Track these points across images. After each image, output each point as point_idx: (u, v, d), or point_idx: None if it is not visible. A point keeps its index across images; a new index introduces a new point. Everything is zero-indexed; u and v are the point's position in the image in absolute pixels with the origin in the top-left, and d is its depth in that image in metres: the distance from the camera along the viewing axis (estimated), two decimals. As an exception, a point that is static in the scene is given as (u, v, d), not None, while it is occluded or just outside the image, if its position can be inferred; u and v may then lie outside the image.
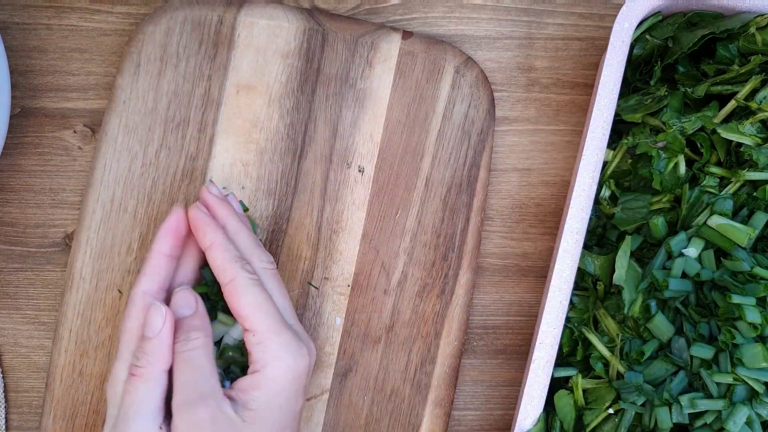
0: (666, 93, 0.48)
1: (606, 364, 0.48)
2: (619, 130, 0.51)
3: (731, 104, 0.48)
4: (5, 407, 0.53)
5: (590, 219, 0.50)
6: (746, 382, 0.45)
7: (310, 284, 0.52)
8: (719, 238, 0.46)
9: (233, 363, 0.48)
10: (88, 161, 0.54)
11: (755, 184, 0.47)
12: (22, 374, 0.54)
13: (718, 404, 0.45)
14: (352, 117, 0.52)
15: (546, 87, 0.55)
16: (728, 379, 0.45)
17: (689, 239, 0.47)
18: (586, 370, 0.49)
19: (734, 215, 0.47)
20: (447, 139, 0.52)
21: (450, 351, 0.52)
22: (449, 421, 0.53)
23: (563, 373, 0.48)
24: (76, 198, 0.54)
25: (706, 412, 0.46)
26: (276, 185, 0.52)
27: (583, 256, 0.48)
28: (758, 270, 0.45)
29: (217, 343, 0.49)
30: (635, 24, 0.47)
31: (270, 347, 0.44)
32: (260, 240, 0.52)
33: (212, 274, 0.46)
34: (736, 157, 0.48)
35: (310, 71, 0.52)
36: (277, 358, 0.44)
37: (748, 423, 0.45)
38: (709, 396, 0.46)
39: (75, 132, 0.54)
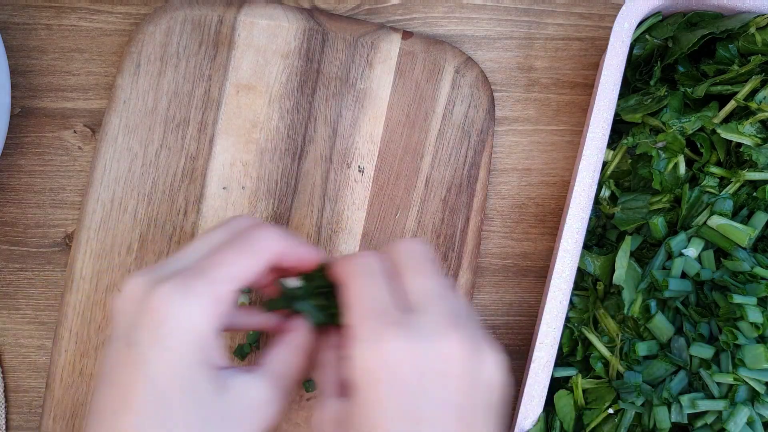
0: (666, 93, 0.48)
1: (606, 364, 0.48)
2: (619, 130, 0.51)
3: (731, 104, 0.48)
4: (5, 407, 0.53)
5: (590, 219, 0.50)
6: (747, 383, 0.45)
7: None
8: (719, 238, 0.46)
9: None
10: (88, 161, 0.54)
11: (755, 184, 0.47)
12: (22, 374, 0.54)
13: (719, 404, 0.45)
14: (352, 117, 0.52)
15: (546, 87, 0.55)
16: (729, 380, 0.45)
17: (689, 239, 0.47)
18: (586, 370, 0.49)
19: (734, 215, 0.47)
20: (447, 139, 0.52)
21: (450, 351, 0.52)
22: (449, 421, 0.53)
23: (563, 373, 0.48)
24: (76, 198, 0.54)
25: (706, 412, 0.46)
26: (276, 185, 0.52)
27: (583, 256, 0.48)
28: (759, 270, 0.45)
29: None
30: (635, 24, 0.47)
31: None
32: None
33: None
34: (736, 157, 0.48)
35: (310, 71, 0.52)
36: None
37: (749, 423, 0.45)
38: (710, 396, 0.46)
39: (75, 132, 0.54)
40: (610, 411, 0.47)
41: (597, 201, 0.50)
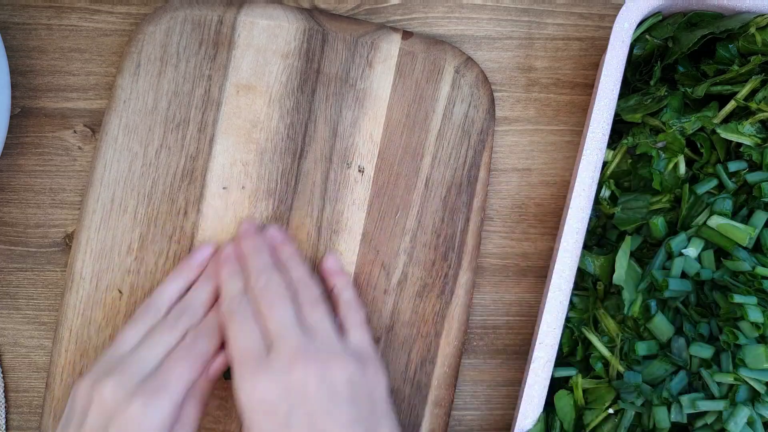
0: (666, 93, 0.48)
1: (606, 364, 0.48)
2: (619, 130, 0.51)
3: (731, 104, 0.48)
4: (5, 407, 0.53)
5: (590, 219, 0.50)
6: (747, 383, 0.45)
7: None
8: (719, 237, 0.46)
9: None
10: (88, 161, 0.54)
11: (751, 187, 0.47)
12: (22, 374, 0.54)
13: (720, 405, 0.45)
14: (352, 117, 0.52)
15: (546, 87, 0.55)
16: (729, 380, 0.45)
17: (689, 239, 0.47)
18: (586, 370, 0.49)
19: (734, 215, 0.47)
20: (447, 139, 0.52)
21: (450, 351, 0.52)
22: (449, 421, 0.53)
23: (563, 373, 0.48)
24: (76, 198, 0.54)
25: (706, 412, 0.46)
26: (276, 185, 0.52)
27: (583, 256, 0.48)
28: (760, 269, 0.45)
29: None
30: (635, 24, 0.47)
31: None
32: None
33: None
34: (736, 158, 0.48)
35: (310, 71, 0.52)
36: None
37: (750, 423, 0.45)
38: (710, 396, 0.46)
39: (75, 132, 0.54)
40: (610, 411, 0.47)
41: (597, 201, 0.50)
